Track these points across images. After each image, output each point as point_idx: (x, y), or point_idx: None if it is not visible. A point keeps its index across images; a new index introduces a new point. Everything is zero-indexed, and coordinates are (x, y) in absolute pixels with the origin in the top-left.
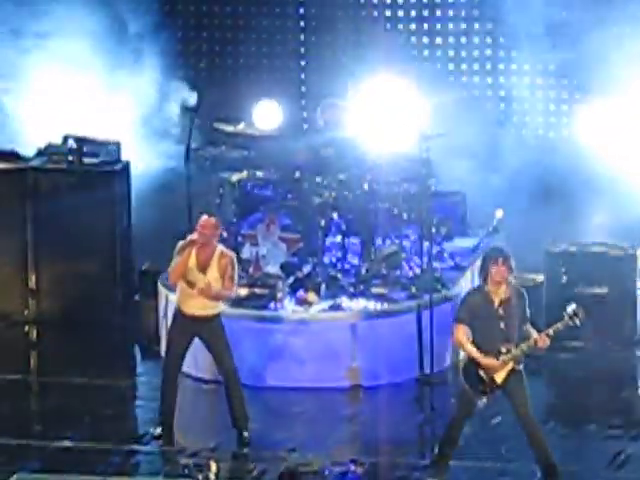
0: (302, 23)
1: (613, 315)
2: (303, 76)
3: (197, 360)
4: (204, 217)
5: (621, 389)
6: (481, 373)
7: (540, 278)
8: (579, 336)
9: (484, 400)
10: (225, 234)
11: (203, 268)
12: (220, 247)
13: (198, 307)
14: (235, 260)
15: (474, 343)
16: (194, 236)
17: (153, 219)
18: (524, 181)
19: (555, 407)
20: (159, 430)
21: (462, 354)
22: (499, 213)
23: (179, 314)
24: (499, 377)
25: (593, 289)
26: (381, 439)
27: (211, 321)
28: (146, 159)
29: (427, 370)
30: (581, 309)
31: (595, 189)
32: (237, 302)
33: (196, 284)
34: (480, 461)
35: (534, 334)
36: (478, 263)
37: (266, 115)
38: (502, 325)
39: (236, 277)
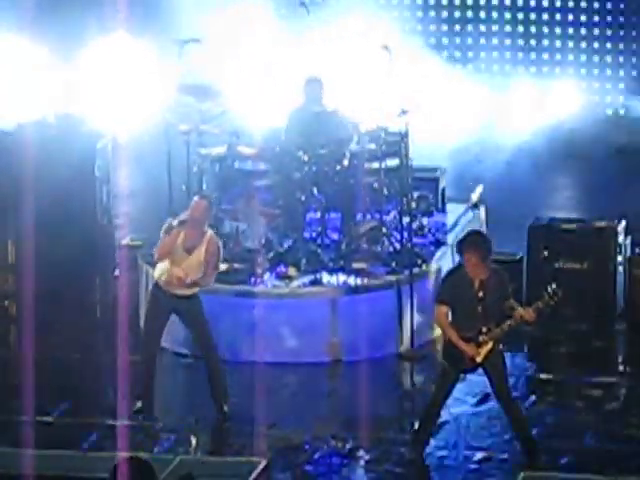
0: None
1: (594, 291)
2: None
3: (175, 335)
4: (196, 199)
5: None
6: (461, 353)
7: (520, 254)
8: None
9: (462, 377)
10: None
11: (189, 249)
12: (210, 232)
13: (178, 285)
14: (221, 249)
15: (455, 323)
16: (184, 217)
17: (134, 193)
18: (507, 155)
19: (538, 384)
20: (139, 404)
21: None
22: (479, 189)
23: (158, 290)
24: (479, 356)
25: (574, 264)
26: (361, 414)
27: (189, 298)
28: (126, 130)
29: (407, 345)
30: (560, 289)
31: (579, 165)
32: (217, 277)
33: (180, 265)
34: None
35: (519, 309)
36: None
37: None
38: (482, 306)
39: (220, 267)
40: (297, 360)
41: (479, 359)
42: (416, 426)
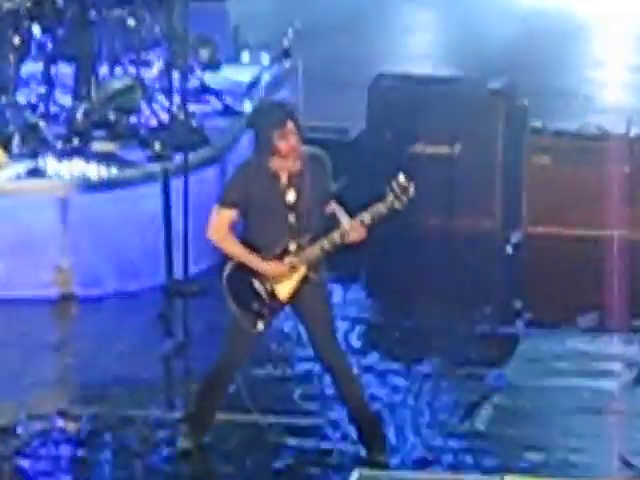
0: None
1: (469, 189)
2: None
3: None
4: None
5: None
6: (256, 284)
7: (354, 132)
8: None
9: (260, 327)
10: None
11: None
12: None
13: None
14: None
15: (248, 239)
16: None
17: None
18: None
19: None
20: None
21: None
22: (295, 25)
23: None
24: (284, 289)
25: (437, 147)
26: (105, 379)
27: None
28: None
29: (178, 274)
30: (412, 182)
31: None
32: None
33: None
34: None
35: (344, 220)
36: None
37: None
38: (291, 212)
39: None
40: (7, 295)
41: (284, 293)
42: (192, 405)
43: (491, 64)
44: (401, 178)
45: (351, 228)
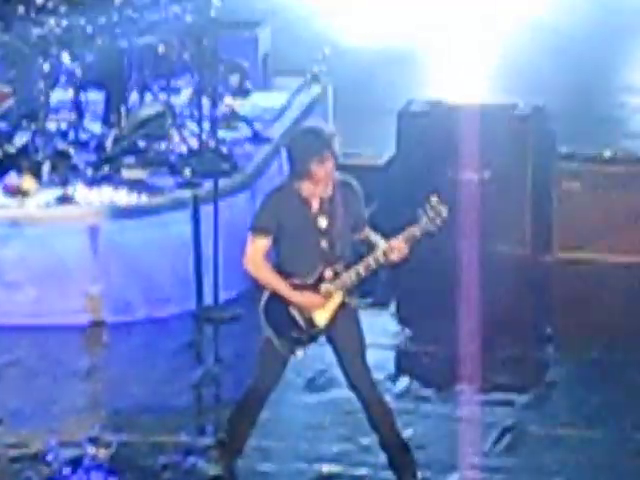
0: None
1: (499, 214)
2: None
3: None
4: None
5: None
6: (293, 312)
7: (385, 157)
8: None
9: (299, 353)
10: None
11: None
12: None
13: None
14: None
15: (282, 266)
16: None
17: None
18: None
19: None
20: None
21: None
22: (324, 51)
23: None
24: (321, 317)
25: (467, 173)
26: (135, 406)
27: None
28: None
29: (208, 301)
30: (444, 205)
31: None
32: None
33: None
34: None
35: (380, 242)
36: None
37: None
38: (324, 238)
39: None
40: (37, 322)
41: (322, 321)
42: (224, 431)
43: (525, 86)
44: (434, 201)
45: (391, 247)
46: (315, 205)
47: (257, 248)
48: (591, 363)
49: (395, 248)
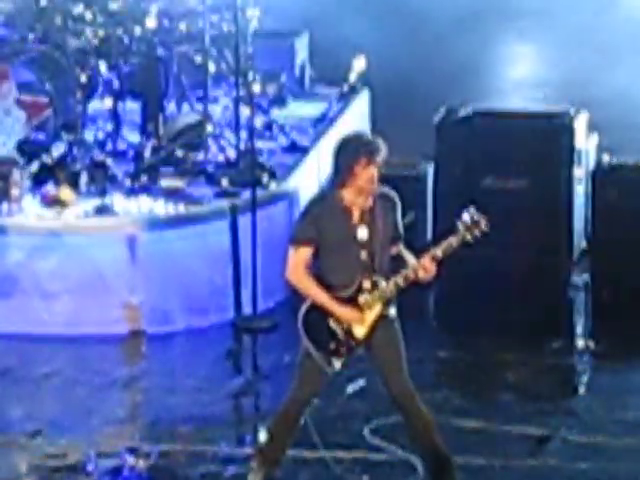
0: None
1: (535, 222)
2: None
3: None
4: None
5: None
6: (332, 324)
7: (424, 166)
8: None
9: (337, 365)
10: None
11: None
12: None
13: None
14: None
15: (321, 277)
16: None
17: None
18: (394, 14)
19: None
20: None
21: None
22: (360, 62)
23: None
24: (360, 329)
25: (504, 181)
26: (174, 416)
27: None
28: None
29: (247, 310)
30: (483, 216)
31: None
32: None
33: None
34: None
35: (411, 259)
36: (328, 144)
37: None
38: (363, 249)
39: None
40: (75, 332)
41: (360, 333)
42: (262, 440)
43: (567, 95)
44: (473, 211)
45: (421, 265)
46: (356, 215)
47: (299, 259)
48: (631, 371)
49: (424, 265)
